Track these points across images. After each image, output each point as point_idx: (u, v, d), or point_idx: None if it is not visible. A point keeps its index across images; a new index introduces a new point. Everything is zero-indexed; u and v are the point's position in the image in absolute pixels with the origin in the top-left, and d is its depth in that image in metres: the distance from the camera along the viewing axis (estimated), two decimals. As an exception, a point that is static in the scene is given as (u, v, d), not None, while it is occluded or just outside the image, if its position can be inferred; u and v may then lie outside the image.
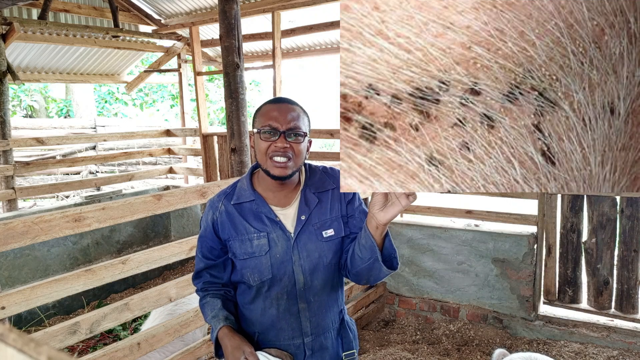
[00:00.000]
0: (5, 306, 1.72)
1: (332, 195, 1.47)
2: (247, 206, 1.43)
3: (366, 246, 1.28)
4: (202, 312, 1.51)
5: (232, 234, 1.42)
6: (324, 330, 1.47)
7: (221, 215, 1.44)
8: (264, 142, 1.36)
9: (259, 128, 1.37)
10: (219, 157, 5.82)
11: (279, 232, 1.40)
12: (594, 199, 3.43)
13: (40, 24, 5.38)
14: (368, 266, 1.31)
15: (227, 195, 1.47)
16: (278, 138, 1.35)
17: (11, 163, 5.45)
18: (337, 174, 1.51)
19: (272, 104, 1.41)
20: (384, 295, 4.19)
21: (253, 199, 1.43)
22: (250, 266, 1.41)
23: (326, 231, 1.43)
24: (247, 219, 1.42)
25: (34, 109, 13.13)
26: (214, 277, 1.50)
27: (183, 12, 6.63)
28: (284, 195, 1.44)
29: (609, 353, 3.22)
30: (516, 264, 3.63)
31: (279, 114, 1.36)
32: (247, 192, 1.44)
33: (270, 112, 1.37)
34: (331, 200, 1.46)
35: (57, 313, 4.54)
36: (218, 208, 1.45)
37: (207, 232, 1.46)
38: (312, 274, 1.42)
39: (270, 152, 1.35)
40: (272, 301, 1.43)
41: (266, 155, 1.36)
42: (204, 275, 1.51)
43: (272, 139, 1.35)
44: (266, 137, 1.36)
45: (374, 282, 1.39)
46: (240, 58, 3.16)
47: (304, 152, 1.41)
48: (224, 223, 1.43)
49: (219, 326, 1.38)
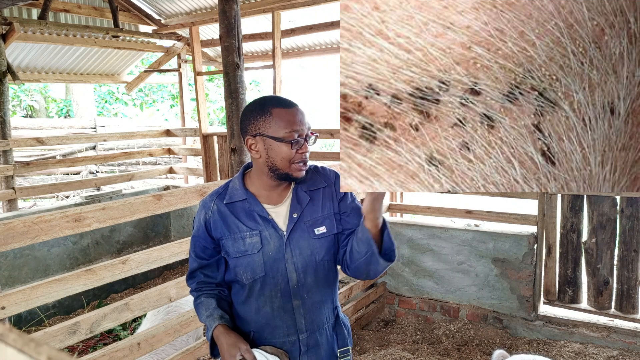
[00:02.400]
0: (5, 306, 1.72)
1: (323, 193, 1.49)
2: (240, 205, 1.44)
3: (363, 239, 1.30)
4: (196, 312, 1.51)
5: (224, 233, 1.43)
6: (318, 326, 1.49)
7: (213, 215, 1.45)
8: (291, 149, 1.36)
9: (283, 136, 1.34)
10: (219, 157, 5.82)
11: (271, 230, 1.42)
12: (594, 199, 3.43)
13: (40, 24, 5.38)
14: (366, 260, 1.33)
15: (219, 195, 1.48)
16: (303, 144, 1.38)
17: (11, 163, 5.45)
18: (328, 172, 1.53)
19: (286, 108, 1.37)
20: (384, 295, 4.19)
21: (245, 197, 1.44)
22: (243, 264, 1.42)
23: (318, 228, 1.44)
24: (240, 217, 1.43)
25: (34, 109, 13.13)
26: (207, 276, 1.51)
27: (183, 12, 6.63)
28: (277, 194, 1.46)
29: (609, 353, 3.22)
30: (516, 264, 3.63)
31: (300, 119, 1.37)
32: (240, 192, 1.45)
33: (289, 117, 1.36)
34: (322, 198, 1.48)
35: (57, 313, 4.54)
36: (210, 208, 1.46)
37: (199, 231, 1.47)
38: (305, 271, 1.43)
39: (297, 159, 1.37)
40: (266, 299, 1.44)
41: (289, 161, 1.37)
42: (198, 275, 1.52)
43: (298, 146, 1.37)
44: (293, 145, 1.36)
45: (373, 276, 1.41)
46: (240, 58, 3.16)
47: None
48: (217, 222, 1.44)
49: (214, 325, 1.39)
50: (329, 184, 1.50)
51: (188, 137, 6.95)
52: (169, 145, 8.28)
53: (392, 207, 4.45)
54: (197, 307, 1.50)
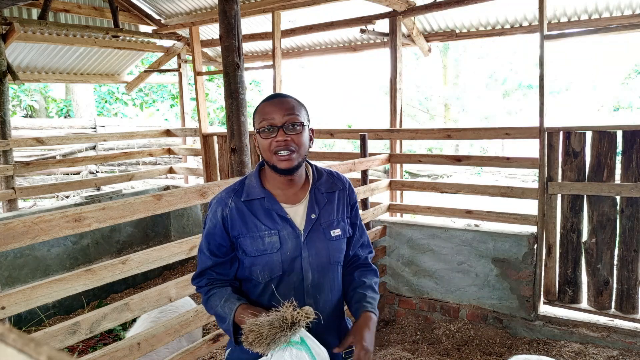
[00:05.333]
0: (5, 306, 1.72)
1: (338, 197, 1.51)
2: (257, 203, 1.44)
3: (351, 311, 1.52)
4: (207, 307, 1.46)
5: (242, 231, 1.42)
6: (327, 327, 1.49)
7: (231, 212, 1.43)
8: (265, 139, 1.38)
9: (258, 128, 1.40)
10: (219, 157, 5.82)
11: (289, 229, 1.42)
12: (594, 199, 3.43)
13: (40, 24, 5.38)
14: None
15: (236, 191, 1.47)
16: (277, 133, 1.37)
17: (11, 163, 5.44)
18: (342, 178, 1.58)
19: (266, 101, 1.43)
20: (384, 295, 4.18)
21: (263, 196, 1.43)
22: (261, 263, 1.41)
23: (334, 231, 1.47)
24: (258, 216, 1.42)
25: (34, 109, 13.12)
26: (220, 274, 1.48)
27: (183, 12, 6.63)
28: (292, 193, 1.46)
29: (609, 353, 3.22)
30: (516, 264, 3.63)
31: (274, 109, 1.38)
32: (257, 189, 1.45)
33: (265, 109, 1.40)
34: (338, 201, 1.51)
35: (57, 313, 4.54)
36: (228, 204, 1.44)
37: (216, 228, 1.45)
38: (320, 271, 1.45)
39: (273, 148, 1.37)
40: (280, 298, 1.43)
41: (270, 151, 1.38)
42: (209, 273, 1.49)
43: (272, 135, 1.37)
44: (266, 134, 1.38)
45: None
46: (240, 58, 3.16)
47: (307, 142, 1.43)
48: (234, 220, 1.43)
49: (235, 305, 1.36)
50: (343, 188, 1.54)
51: (188, 137, 6.95)
52: (169, 145, 8.28)
53: (392, 207, 4.45)
54: (208, 300, 1.45)
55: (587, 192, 3.43)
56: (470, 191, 4.15)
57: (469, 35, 5.34)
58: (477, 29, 5.26)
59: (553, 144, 3.55)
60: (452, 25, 5.34)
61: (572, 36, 3.70)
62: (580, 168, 3.46)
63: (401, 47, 5.16)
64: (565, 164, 3.52)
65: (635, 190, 3.24)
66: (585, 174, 3.45)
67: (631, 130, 3.28)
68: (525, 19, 4.90)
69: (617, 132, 3.34)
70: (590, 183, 3.41)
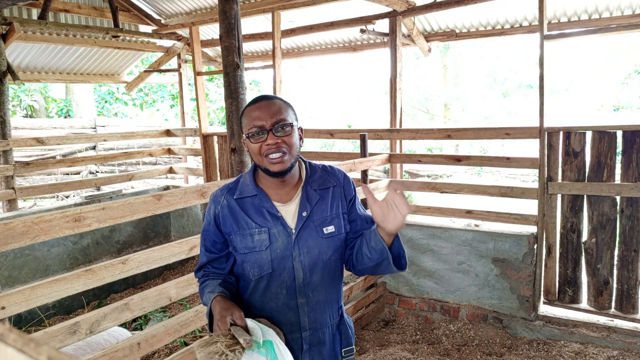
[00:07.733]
0: (5, 306, 1.72)
1: (332, 193, 1.49)
2: (249, 201, 1.44)
3: (376, 249, 1.34)
4: (200, 296, 1.50)
5: (233, 228, 1.43)
6: (321, 325, 1.49)
7: (223, 210, 1.45)
8: (255, 144, 1.38)
9: (247, 132, 1.39)
10: (219, 157, 5.82)
11: (280, 227, 1.42)
12: (594, 199, 3.43)
13: (40, 24, 5.38)
14: (376, 265, 1.38)
15: (229, 189, 1.48)
16: (267, 136, 1.36)
17: (11, 163, 5.44)
18: (337, 172, 1.55)
19: (253, 104, 1.42)
20: (384, 295, 4.18)
21: (255, 193, 1.44)
22: (250, 260, 1.43)
23: (327, 228, 1.45)
24: (249, 213, 1.43)
25: (34, 109, 13.12)
26: (216, 268, 1.51)
27: (183, 12, 6.63)
28: (285, 192, 1.46)
29: (609, 353, 3.22)
30: (516, 264, 3.63)
31: (260, 112, 1.38)
32: (250, 187, 1.46)
33: (252, 114, 1.39)
34: (332, 197, 1.48)
35: (57, 313, 4.54)
36: (220, 202, 1.46)
37: (210, 225, 1.47)
38: (312, 269, 1.44)
39: (264, 151, 1.37)
40: (271, 296, 1.44)
41: (261, 155, 1.38)
42: (207, 268, 1.52)
43: (261, 138, 1.37)
44: (256, 138, 1.38)
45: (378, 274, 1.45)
46: (240, 58, 3.16)
47: (297, 142, 1.43)
48: (226, 217, 1.44)
49: (213, 297, 1.37)
50: (338, 184, 1.51)
51: (188, 137, 6.95)
52: (169, 145, 8.28)
53: (392, 207, 4.44)
54: (201, 290, 1.50)
55: (587, 192, 3.43)
56: (470, 191, 4.16)
57: (469, 35, 5.34)
58: (477, 29, 5.26)
59: (553, 144, 3.55)
60: (452, 25, 5.34)
61: (572, 36, 3.70)
62: (580, 168, 3.46)
63: (401, 47, 5.16)
64: (565, 164, 3.52)
65: (635, 190, 3.24)
66: (585, 174, 3.45)
67: (631, 130, 3.28)
68: (525, 19, 4.90)
69: (617, 132, 3.34)
70: (590, 183, 3.41)
